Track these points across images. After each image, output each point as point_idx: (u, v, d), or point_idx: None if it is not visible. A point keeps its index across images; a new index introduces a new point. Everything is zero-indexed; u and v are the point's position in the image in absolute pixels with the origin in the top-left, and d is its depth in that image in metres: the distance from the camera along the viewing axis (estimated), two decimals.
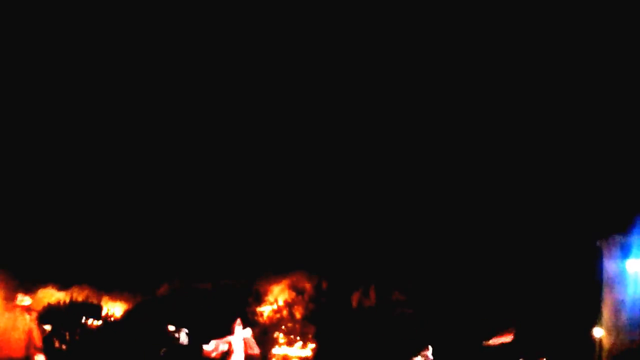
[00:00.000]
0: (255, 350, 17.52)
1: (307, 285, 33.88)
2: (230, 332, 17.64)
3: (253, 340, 17.72)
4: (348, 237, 33.75)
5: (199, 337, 17.83)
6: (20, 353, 11.96)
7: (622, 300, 27.15)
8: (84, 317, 30.09)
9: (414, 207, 34.73)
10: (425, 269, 32.33)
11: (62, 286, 31.47)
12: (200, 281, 32.54)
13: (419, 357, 17.62)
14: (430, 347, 18.10)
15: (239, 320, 18.15)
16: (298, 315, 33.32)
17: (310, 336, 33.05)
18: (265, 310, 33.65)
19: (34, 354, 12.15)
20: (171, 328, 18.00)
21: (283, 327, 33.37)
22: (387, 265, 33.04)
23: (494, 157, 34.81)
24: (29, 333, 12.13)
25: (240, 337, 17.70)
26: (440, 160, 35.65)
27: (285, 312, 33.46)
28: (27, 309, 12.39)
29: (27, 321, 12.19)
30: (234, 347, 17.25)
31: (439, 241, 33.00)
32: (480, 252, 32.23)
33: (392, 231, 33.86)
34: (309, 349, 33.09)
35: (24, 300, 12.54)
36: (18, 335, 12.05)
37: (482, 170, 34.62)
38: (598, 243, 28.27)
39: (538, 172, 33.62)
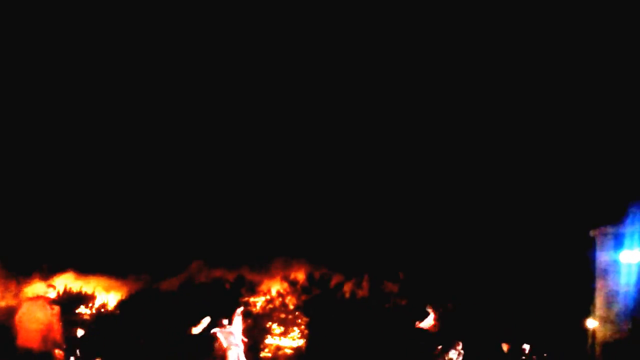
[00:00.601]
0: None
1: (300, 276, 33.86)
2: (229, 323, 17.54)
3: (240, 318, 17.68)
4: (341, 227, 33.78)
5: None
6: (36, 344, 11.62)
7: (615, 291, 27.28)
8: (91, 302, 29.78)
9: (406, 198, 34.79)
10: (419, 260, 32.39)
11: (82, 272, 31.11)
12: (197, 272, 32.46)
13: (453, 350, 17.28)
14: (460, 343, 17.75)
15: (238, 310, 18.04)
16: (291, 306, 33.29)
17: (303, 327, 33.02)
18: (259, 301, 33.59)
19: (53, 349, 11.81)
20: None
21: (276, 317, 33.32)
22: (380, 255, 33.06)
23: (487, 149, 34.92)
24: (49, 326, 11.76)
25: (239, 326, 17.63)
26: (433, 151, 35.72)
27: (278, 303, 33.42)
28: (51, 302, 11.99)
29: (49, 314, 11.80)
30: (234, 337, 17.16)
31: (432, 233, 33.10)
32: (473, 242, 32.34)
33: (384, 222, 33.92)
34: (301, 340, 33.07)
35: (48, 291, 12.19)
36: (36, 326, 11.68)
37: (475, 162, 34.74)
38: (591, 234, 28.39)
39: (531, 163, 33.77)
